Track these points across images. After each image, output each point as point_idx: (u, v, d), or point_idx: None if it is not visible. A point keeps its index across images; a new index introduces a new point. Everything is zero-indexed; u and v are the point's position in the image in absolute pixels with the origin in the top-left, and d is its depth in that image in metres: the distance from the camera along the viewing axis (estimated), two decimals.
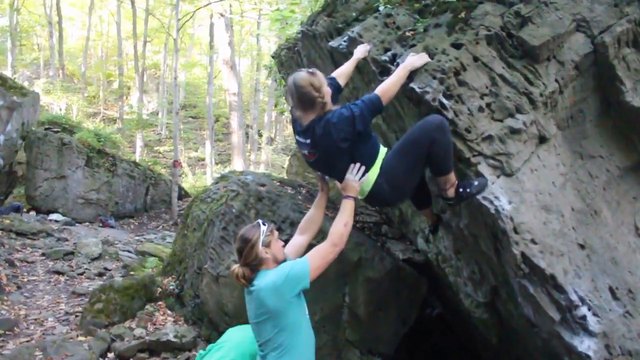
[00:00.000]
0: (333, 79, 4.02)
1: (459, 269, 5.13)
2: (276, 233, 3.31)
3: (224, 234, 5.71)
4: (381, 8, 4.32)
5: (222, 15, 17.44)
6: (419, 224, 5.98)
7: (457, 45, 3.73)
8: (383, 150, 3.73)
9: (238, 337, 3.73)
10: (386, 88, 3.60)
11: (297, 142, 3.77)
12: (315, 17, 5.28)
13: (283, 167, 25.30)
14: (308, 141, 3.59)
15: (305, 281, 3.11)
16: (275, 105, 11.36)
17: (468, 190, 3.65)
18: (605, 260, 3.82)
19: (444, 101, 3.60)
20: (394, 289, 5.82)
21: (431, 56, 3.73)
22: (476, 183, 3.66)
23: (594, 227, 3.86)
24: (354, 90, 5.03)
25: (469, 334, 6.62)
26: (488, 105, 3.67)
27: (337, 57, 4.88)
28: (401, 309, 5.99)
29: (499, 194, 3.62)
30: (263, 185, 6.14)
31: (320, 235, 3.94)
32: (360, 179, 3.53)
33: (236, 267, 3.18)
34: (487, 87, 3.67)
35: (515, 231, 3.60)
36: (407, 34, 4.06)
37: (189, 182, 20.81)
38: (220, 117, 28.31)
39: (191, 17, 17.86)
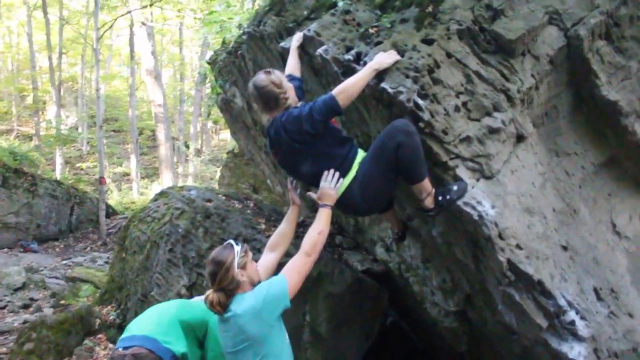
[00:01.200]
0: (289, 75, 3.92)
1: (426, 278, 4.90)
2: (250, 254, 3.05)
3: (170, 256, 5.20)
4: (340, 4, 4.01)
5: (143, 24, 16.65)
6: (378, 233, 5.72)
7: (428, 41, 3.48)
8: (361, 155, 3.50)
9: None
10: (345, 87, 3.34)
11: (266, 145, 3.68)
12: (262, 17, 4.91)
13: (212, 179, 24.71)
14: (268, 141, 3.52)
15: (285, 300, 2.90)
16: (208, 115, 10.82)
17: (448, 197, 3.38)
18: (588, 261, 3.68)
19: (419, 101, 3.32)
20: (355, 303, 5.52)
21: (401, 53, 3.45)
22: (455, 188, 3.40)
23: (574, 226, 3.72)
24: (307, 94, 4.69)
25: (431, 342, 6.43)
26: (464, 104, 3.45)
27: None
28: (364, 323, 5.71)
29: (481, 199, 3.39)
30: (209, 200, 5.69)
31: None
32: (336, 186, 3.32)
33: (210, 293, 2.88)
34: (462, 85, 3.44)
35: (501, 237, 3.38)
36: (371, 30, 3.78)
37: (114, 198, 19.73)
38: (144, 130, 27.17)
39: (111, 27, 16.92)
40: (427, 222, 4.21)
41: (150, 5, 15.18)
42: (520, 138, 3.56)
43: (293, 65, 4.13)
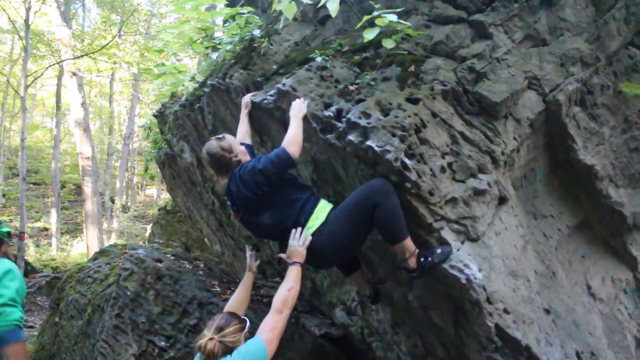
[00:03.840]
0: (241, 143, 3.93)
1: (393, 343, 4.71)
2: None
3: (118, 322, 4.73)
4: (318, 59, 3.93)
5: (74, 74, 16.06)
6: (338, 295, 5.51)
7: (413, 100, 3.43)
8: (327, 206, 3.47)
9: None
10: (293, 139, 3.46)
11: (228, 206, 3.66)
12: (227, 70, 4.74)
13: (137, 236, 23.68)
14: (230, 202, 3.54)
15: None
16: (145, 170, 10.42)
17: (430, 259, 3.27)
18: (569, 324, 3.64)
19: (407, 161, 3.23)
20: None
21: (386, 112, 3.38)
22: (439, 251, 3.30)
23: (554, 289, 3.69)
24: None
25: None
26: (449, 165, 3.39)
27: (258, 114, 4.36)
28: None
29: (468, 262, 3.29)
30: (160, 261, 5.29)
31: None
32: (304, 243, 3.32)
33: (208, 340, 2.81)
34: (447, 146, 3.39)
35: (489, 301, 3.28)
36: (351, 87, 3.70)
37: (32, 255, 18.36)
38: (67, 184, 25.86)
39: (41, 75, 16.19)
40: (401, 285, 4.07)
41: (84, 55, 14.68)
42: (502, 200, 3.54)
43: (244, 132, 4.18)
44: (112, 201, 24.42)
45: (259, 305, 5.16)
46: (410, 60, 3.66)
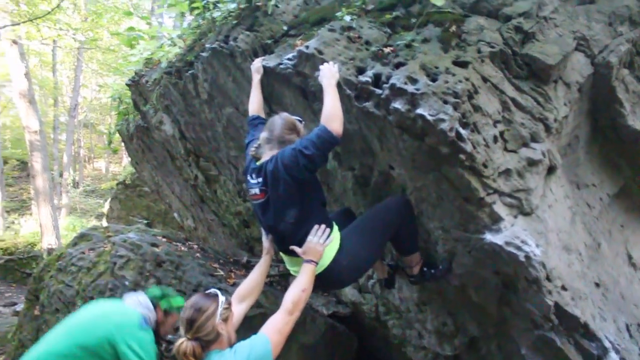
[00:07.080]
0: (257, 117, 3.77)
1: (416, 321, 4.50)
2: (233, 310, 2.83)
3: None
4: (347, 18, 3.54)
5: (15, 42, 14.86)
6: None
7: (461, 64, 3.12)
8: (336, 230, 3.28)
9: None
10: (332, 113, 3.09)
11: (247, 182, 3.31)
12: (228, 32, 4.28)
13: (88, 211, 22.74)
14: (260, 180, 3.18)
15: None
16: (109, 143, 9.74)
17: (433, 271, 3.56)
18: (617, 297, 3.51)
19: (461, 131, 2.94)
20: (328, 352, 4.98)
21: (433, 77, 3.06)
22: (441, 267, 3.55)
23: (600, 261, 3.53)
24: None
25: None
26: (501, 133, 3.13)
27: (269, 80, 3.94)
28: None
29: (525, 237, 3.05)
30: (156, 245, 4.87)
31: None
32: (325, 243, 3.10)
33: (183, 341, 2.58)
34: (499, 113, 3.12)
35: (548, 279, 3.08)
36: (386, 50, 3.35)
37: None
38: (10, 159, 24.41)
39: None
40: (439, 261, 3.84)
41: (27, 22, 13.55)
42: (551, 170, 3.31)
43: (258, 102, 3.87)
44: (61, 176, 23.33)
45: (267, 287, 4.82)
46: (452, 19, 3.33)
